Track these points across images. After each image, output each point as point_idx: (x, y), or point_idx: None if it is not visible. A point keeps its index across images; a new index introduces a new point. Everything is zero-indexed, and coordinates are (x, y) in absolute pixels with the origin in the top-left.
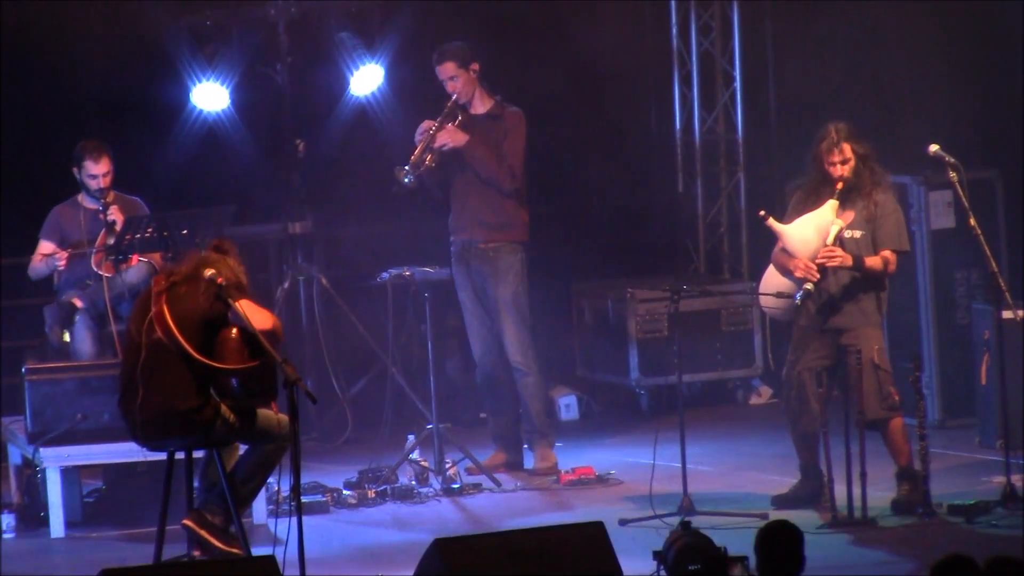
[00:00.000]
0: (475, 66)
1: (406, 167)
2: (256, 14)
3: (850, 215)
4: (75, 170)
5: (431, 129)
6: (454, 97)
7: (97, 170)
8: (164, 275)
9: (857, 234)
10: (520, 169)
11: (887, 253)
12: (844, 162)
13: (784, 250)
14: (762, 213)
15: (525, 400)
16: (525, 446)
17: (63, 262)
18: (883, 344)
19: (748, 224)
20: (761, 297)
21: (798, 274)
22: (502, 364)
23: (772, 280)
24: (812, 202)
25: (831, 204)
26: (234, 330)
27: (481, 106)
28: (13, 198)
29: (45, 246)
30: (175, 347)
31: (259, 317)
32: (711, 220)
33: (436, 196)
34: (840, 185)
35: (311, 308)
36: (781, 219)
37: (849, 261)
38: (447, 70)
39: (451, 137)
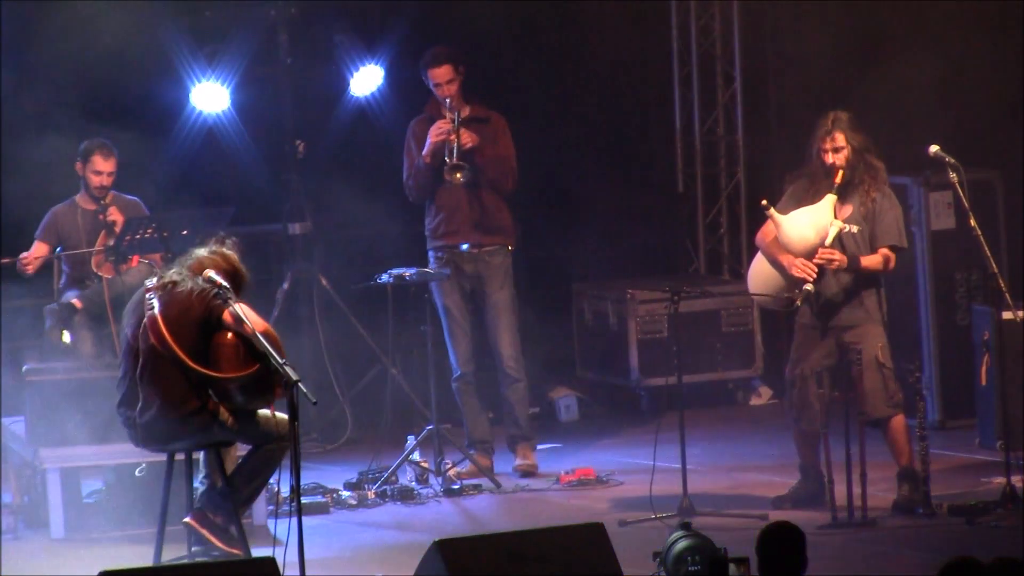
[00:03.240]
0: (462, 69)
1: (456, 168)
2: (256, 14)
3: (848, 209)
4: (79, 165)
5: (450, 129)
6: (449, 100)
7: (103, 167)
8: (157, 279)
9: (855, 229)
10: (515, 171)
11: (886, 250)
12: (837, 150)
13: (778, 241)
14: (764, 203)
15: (513, 404)
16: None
17: (31, 268)
18: (886, 341)
19: (748, 225)
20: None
21: (795, 273)
22: (479, 371)
23: (762, 269)
24: (810, 193)
25: (829, 200)
26: (229, 334)
27: (464, 109)
28: (13, 198)
29: (39, 247)
30: (169, 355)
31: (254, 320)
32: (711, 220)
33: (413, 198)
34: (838, 179)
35: (311, 308)
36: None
37: (846, 263)
38: (445, 73)
39: (471, 138)
